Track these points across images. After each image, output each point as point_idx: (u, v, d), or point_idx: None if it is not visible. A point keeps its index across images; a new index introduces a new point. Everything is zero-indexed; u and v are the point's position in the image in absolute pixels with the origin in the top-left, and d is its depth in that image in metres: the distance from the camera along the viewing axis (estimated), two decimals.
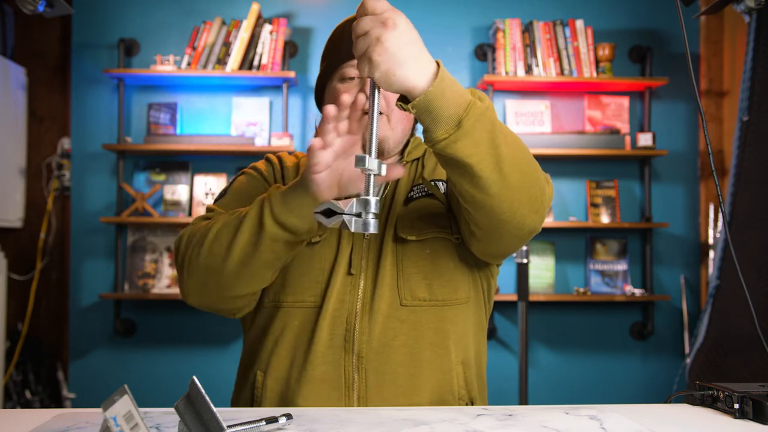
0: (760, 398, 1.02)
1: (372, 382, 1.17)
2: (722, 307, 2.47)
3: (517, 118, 3.38)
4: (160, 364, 3.32)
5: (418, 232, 1.22)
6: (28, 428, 0.96)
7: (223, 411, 1.07)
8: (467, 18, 3.43)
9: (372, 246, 1.23)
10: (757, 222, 2.36)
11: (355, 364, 1.17)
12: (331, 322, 1.18)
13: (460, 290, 1.24)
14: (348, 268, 1.20)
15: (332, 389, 1.16)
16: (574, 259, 3.40)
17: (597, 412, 1.08)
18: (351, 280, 1.20)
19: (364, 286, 1.20)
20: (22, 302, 3.33)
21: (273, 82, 3.30)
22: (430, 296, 1.21)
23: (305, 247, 1.20)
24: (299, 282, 1.20)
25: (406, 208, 1.25)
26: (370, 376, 1.17)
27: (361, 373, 1.17)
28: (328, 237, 1.22)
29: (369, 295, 1.19)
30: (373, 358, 1.17)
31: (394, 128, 1.26)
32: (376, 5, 0.88)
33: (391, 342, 1.18)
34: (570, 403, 1.15)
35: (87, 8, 3.37)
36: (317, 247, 1.21)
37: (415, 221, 1.23)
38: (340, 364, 1.17)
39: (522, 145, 1.03)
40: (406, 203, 1.26)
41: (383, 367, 1.17)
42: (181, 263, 1.16)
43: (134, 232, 3.34)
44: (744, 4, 2.40)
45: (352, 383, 1.17)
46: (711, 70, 3.42)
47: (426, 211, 1.24)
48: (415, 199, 1.26)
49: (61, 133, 3.40)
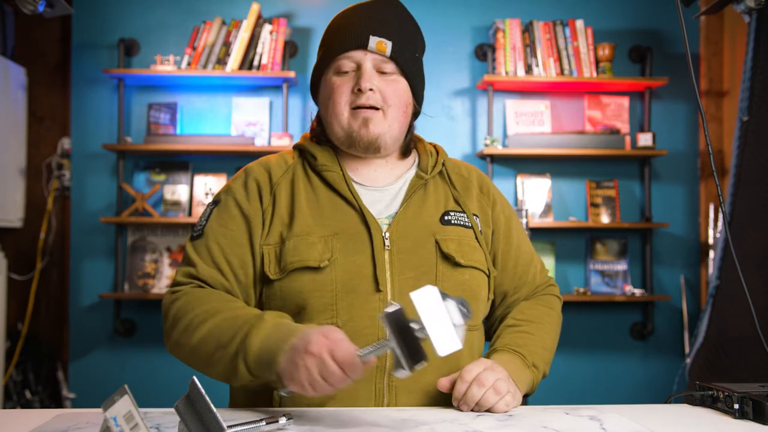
0: (760, 398, 1.02)
1: (402, 401, 1.14)
2: (722, 307, 2.47)
3: (517, 118, 3.38)
4: (160, 364, 3.31)
5: (463, 257, 1.21)
6: (28, 428, 0.96)
7: (223, 411, 1.07)
8: (467, 18, 3.43)
9: (405, 262, 1.18)
10: (757, 222, 2.36)
11: (386, 382, 1.14)
12: (360, 341, 1.11)
13: (479, 316, 1.26)
14: (375, 286, 1.15)
15: (359, 405, 1.13)
16: (574, 259, 3.40)
17: (597, 412, 1.08)
18: (379, 296, 1.15)
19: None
20: (22, 302, 3.32)
21: (273, 82, 3.30)
22: None
23: (314, 272, 1.15)
24: (314, 307, 1.15)
25: (444, 228, 1.22)
26: (400, 394, 1.14)
27: (392, 392, 1.14)
28: (337, 258, 1.16)
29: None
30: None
31: (391, 124, 1.23)
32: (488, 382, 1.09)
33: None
34: (570, 403, 1.15)
35: (87, 8, 3.37)
36: (327, 270, 1.15)
37: (458, 245, 1.21)
38: (372, 381, 1.13)
39: (554, 334, 1.31)
40: (444, 223, 1.23)
41: (414, 386, 1.14)
42: (167, 337, 1.20)
43: (134, 232, 3.34)
44: (744, 4, 2.40)
45: (382, 400, 1.14)
46: (711, 70, 3.42)
47: (465, 240, 1.23)
48: (453, 224, 1.24)
49: (61, 133, 3.40)
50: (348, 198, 1.21)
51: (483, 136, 3.37)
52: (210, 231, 1.22)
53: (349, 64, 1.22)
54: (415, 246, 1.19)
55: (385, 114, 1.22)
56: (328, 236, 1.18)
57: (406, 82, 1.25)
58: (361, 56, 1.22)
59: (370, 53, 1.22)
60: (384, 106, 1.22)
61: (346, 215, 1.20)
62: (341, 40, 1.23)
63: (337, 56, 1.23)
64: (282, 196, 1.23)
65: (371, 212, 1.21)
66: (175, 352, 1.19)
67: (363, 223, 1.19)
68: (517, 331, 1.25)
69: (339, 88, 1.22)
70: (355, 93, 1.21)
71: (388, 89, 1.22)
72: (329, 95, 1.24)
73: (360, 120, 1.21)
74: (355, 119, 1.22)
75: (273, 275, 1.17)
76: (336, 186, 1.22)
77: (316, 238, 1.17)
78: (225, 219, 1.22)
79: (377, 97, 1.21)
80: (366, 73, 1.21)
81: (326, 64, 1.26)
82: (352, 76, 1.22)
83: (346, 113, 1.22)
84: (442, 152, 1.33)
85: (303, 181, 1.25)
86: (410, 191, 1.24)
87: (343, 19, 1.26)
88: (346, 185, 1.22)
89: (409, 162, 1.31)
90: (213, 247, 1.20)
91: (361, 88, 1.20)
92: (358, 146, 1.23)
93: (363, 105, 1.21)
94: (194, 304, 1.15)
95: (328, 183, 1.23)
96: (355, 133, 1.22)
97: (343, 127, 1.23)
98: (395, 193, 1.26)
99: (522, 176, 3.37)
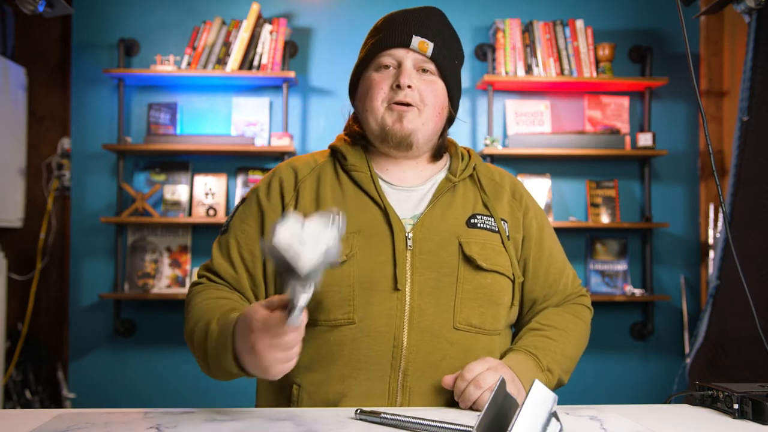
0: (759, 398, 1.02)
1: (415, 401, 1.15)
2: (722, 307, 2.47)
3: (517, 118, 3.38)
4: (160, 364, 3.31)
5: (486, 261, 1.20)
6: (28, 428, 0.96)
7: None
8: (467, 18, 3.43)
9: (427, 263, 1.18)
10: (757, 222, 2.36)
11: (400, 382, 1.14)
12: (376, 339, 1.14)
13: (501, 321, 1.25)
14: (394, 284, 1.16)
15: (373, 404, 1.13)
16: (574, 259, 3.39)
17: (597, 412, 1.08)
18: (397, 295, 1.16)
19: (412, 302, 1.16)
20: (22, 302, 3.32)
21: (273, 82, 3.30)
22: (481, 324, 1.20)
23: (332, 268, 1.17)
24: (332, 301, 1.16)
25: (469, 231, 1.22)
26: (413, 394, 1.15)
27: (405, 392, 1.14)
28: (356, 254, 1.17)
29: (418, 312, 1.16)
30: (419, 376, 1.15)
31: (426, 122, 1.24)
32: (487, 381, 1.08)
33: (440, 363, 1.16)
34: (570, 403, 1.15)
35: (87, 8, 3.37)
36: (345, 266, 1.17)
37: (482, 248, 1.21)
38: (386, 380, 1.14)
39: (579, 345, 1.30)
40: (470, 227, 1.23)
41: (428, 387, 1.15)
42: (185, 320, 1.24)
43: (134, 232, 3.34)
44: (744, 4, 2.40)
45: (395, 399, 1.14)
46: (711, 70, 3.42)
47: (490, 244, 1.23)
48: (479, 227, 1.23)
49: (61, 133, 3.40)
50: (374, 196, 1.23)
51: (483, 136, 3.37)
52: (232, 227, 1.27)
53: (390, 61, 1.24)
54: (437, 247, 1.20)
55: (421, 112, 1.23)
56: (351, 233, 1.19)
57: (443, 85, 1.26)
58: (403, 54, 1.23)
59: (412, 52, 1.23)
60: (420, 105, 1.23)
61: (370, 213, 1.22)
62: (384, 38, 1.24)
63: (379, 53, 1.24)
64: (306, 192, 1.25)
65: (396, 212, 1.22)
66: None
67: (386, 222, 1.20)
68: (537, 335, 1.25)
69: (378, 84, 1.24)
70: (393, 89, 1.22)
71: (427, 89, 1.23)
72: (367, 90, 1.25)
73: (395, 115, 1.22)
74: (390, 114, 1.23)
75: None
76: (363, 185, 1.24)
77: None
78: (246, 215, 1.27)
79: (415, 94, 1.22)
80: (406, 70, 1.22)
81: (368, 62, 1.27)
82: (392, 73, 1.24)
83: (382, 109, 1.23)
84: (474, 156, 1.33)
85: (331, 180, 1.26)
86: (438, 193, 1.25)
87: (387, 20, 1.28)
88: (372, 184, 1.24)
89: (440, 165, 1.32)
90: (231, 242, 1.25)
91: (400, 84, 1.21)
92: (391, 141, 1.24)
93: (401, 102, 1.22)
94: (195, 308, 1.20)
95: (356, 182, 1.25)
96: (389, 127, 1.23)
97: (378, 122, 1.24)
98: (423, 194, 1.26)
99: (522, 176, 3.37)
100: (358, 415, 1.01)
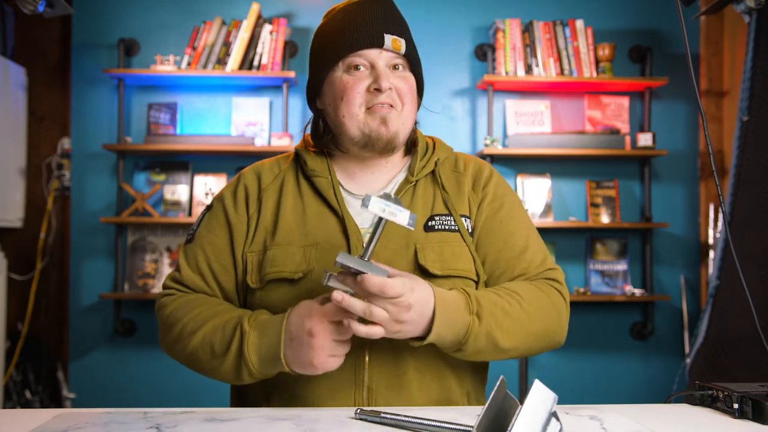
0: (759, 398, 1.02)
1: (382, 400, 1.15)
2: (722, 307, 2.47)
3: (517, 118, 3.38)
4: (160, 364, 3.31)
5: (442, 267, 1.16)
6: (28, 428, 0.96)
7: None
8: (467, 18, 3.43)
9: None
10: (757, 222, 2.36)
11: (365, 396, 1.14)
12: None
13: None
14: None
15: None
16: (574, 259, 3.40)
17: (597, 412, 1.08)
18: None
19: None
20: (22, 302, 3.33)
21: (273, 82, 3.30)
22: None
23: (290, 284, 1.15)
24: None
25: (426, 236, 1.18)
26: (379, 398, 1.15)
27: (372, 395, 1.14)
28: (314, 269, 1.15)
29: None
30: (383, 392, 1.14)
31: (405, 121, 1.20)
32: (394, 291, 0.99)
33: (403, 376, 1.15)
34: (570, 403, 1.14)
35: (87, 8, 3.37)
36: (302, 282, 1.15)
37: (438, 254, 1.16)
38: (350, 396, 1.14)
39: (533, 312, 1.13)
40: (427, 230, 1.19)
41: (394, 400, 1.14)
42: (161, 339, 1.21)
43: (134, 232, 3.34)
44: (744, 4, 2.40)
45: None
46: (711, 70, 3.42)
47: (449, 246, 1.17)
48: (437, 230, 1.19)
49: (61, 133, 3.40)
50: (333, 205, 1.20)
51: (483, 136, 3.37)
52: (199, 236, 1.25)
53: (362, 61, 1.18)
54: (394, 256, 1.15)
55: (400, 111, 1.20)
56: (308, 246, 1.16)
57: (413, 78, 1.23)
58: (376, 54, 1.19)
59: (385, 51, 1.19)
60: (398, 104, 1.19)
61: (328, 224, 1.19)
62: (353, 38, 1.18)
63: (348, 54, 1.18)
64: (268, 203, 1.22)
65: (355, 221, 1.19)
66: (171, 355, 1.21)
67: (343, 232, 1.18)
68: (482, 289, 1.17)
69: (353, 87, 1.18)
70: (371, 92, 1.17)
71: (404, 86, 1.20)
72: (341, 95, 1.19)
73: (378, 119, 1.18)
74: (372, 118, 1.18)
75: (253, 284, 1.18)
76: (323, 192, 1.21)
77: (296, 248, 1.17)
78: (213, 226, 1.24)
79: (393, 95, 1.18)
80: (383, 71, 1.18)
81: (333, 64, 1.21)
82: (366, 74, 1.19)
83: (362, 114, 1.18)
84: (438, 148, 1.28)
85: (292, 188, 1.24)
86: (396, 196, 1.20)
87: (345, 18, 1.21)
88: (332, 192, 1.21)
89: (404, 162, 1.28)
90: (199, 253, 1.23)
91: (380, 88, 1.16)
92: (375, 146, 1.19)
93: (382, 104, 1.18)
94: (184, 311, 1.17)
95: (317, 189, 1.22)
96: (374, 132, 1.18)
97: (360, 128, 1.18)
98: None
99: (522, 176, 3.37)
100: (358, 414, 1.01)
